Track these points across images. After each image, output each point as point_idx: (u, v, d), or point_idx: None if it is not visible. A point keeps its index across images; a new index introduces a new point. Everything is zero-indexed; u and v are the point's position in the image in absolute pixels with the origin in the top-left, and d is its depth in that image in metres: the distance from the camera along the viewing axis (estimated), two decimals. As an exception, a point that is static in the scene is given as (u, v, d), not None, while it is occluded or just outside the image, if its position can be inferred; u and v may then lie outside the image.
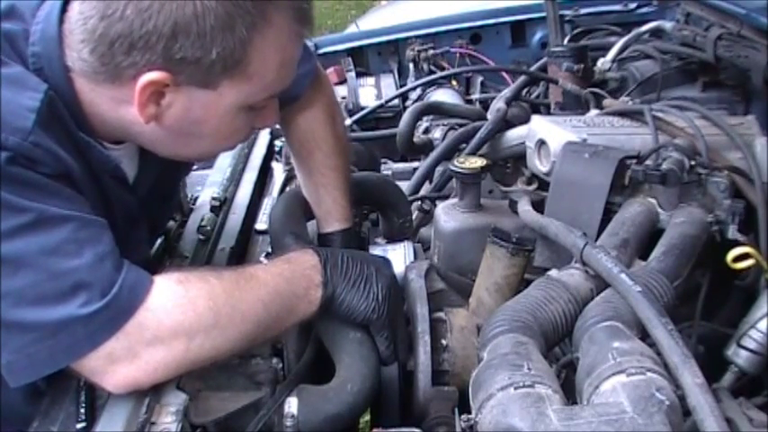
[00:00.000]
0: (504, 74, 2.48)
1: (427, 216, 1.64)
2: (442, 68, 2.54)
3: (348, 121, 2.25)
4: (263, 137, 1.89)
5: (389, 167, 1.99)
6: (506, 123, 1.72)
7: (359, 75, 2.55)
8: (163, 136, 1.04)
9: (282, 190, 1.66)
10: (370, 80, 2.58)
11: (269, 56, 1.00)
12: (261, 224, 1.51)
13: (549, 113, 1.91)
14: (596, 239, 1.17)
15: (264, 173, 1.75)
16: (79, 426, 0.95)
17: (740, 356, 1.11)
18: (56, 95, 0.97)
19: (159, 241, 1.35)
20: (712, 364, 1.08)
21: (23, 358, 0.92)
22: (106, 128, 1.04)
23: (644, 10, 2.57)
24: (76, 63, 0.98)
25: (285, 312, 1.05)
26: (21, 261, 0.91)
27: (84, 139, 1.01)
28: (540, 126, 1.46)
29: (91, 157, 1.03)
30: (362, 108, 2.33)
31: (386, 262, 1.19)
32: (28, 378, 0.94)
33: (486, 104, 2.14)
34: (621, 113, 1.52)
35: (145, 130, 1.02)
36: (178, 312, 0.96)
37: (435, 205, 1.59)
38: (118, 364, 0.94)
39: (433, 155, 1.74)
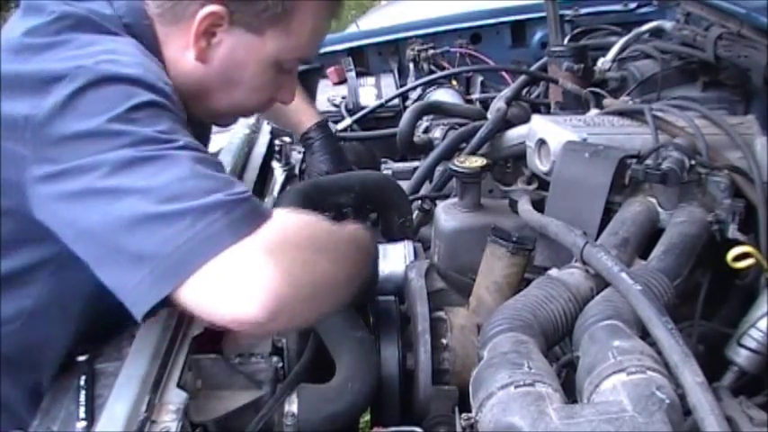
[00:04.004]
0: (504, 74, 2.48)
1: (427, 215, 1.64)
2: (442, 68, 2.54)
3: (348, 121, 2.25)
4: (264, 136, 1.89)
5: (389, 167, 1.99)
6: (506, 123, 1.72)
7: (359, 75, 2.54)
8: (206, 79, 1.12)
9: (282, 189, 1.66)
10: (370, 80, 2.58)
11: (308, 18, 1.12)
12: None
13: (549, 113, 1.91)
14: (596, 239, 1.17)
15: (264, 172, 1.74)
16: (79, 424, 0.95)
17: (740, 355, 1.11)
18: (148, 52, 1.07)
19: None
20: (712, 364, 1.08)
21: (173, 252, 0.86)
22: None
23: (644, 10, 2.57)
24: (150, 7, 1.09)
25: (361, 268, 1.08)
26: (168, 161, 0.91)
27: None
28: (540, 125, 1.46)
29: None
30: (362, 108, 2.32)
31: None
32: (167, 285, 0.86)
33: (486, 104, 2.14)
34: (621, 113, 1.52)
35: (192, 74, 1.11)
36: (302, 225, 0.97)
37: (435, 205, 1.59)
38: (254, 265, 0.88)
39: (434, 154, 1.74)
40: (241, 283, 0.86)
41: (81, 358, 1.07)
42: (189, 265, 0.86)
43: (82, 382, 1.01)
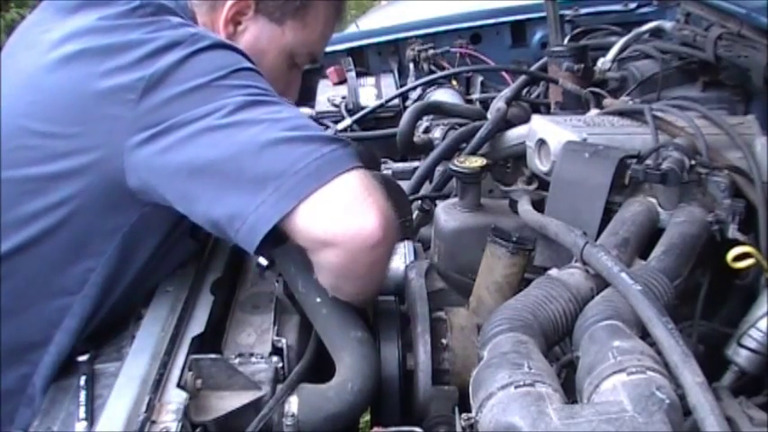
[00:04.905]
0: (504, 74, 2.48)
1: (427, 215, 1.64)
2: (442, 68, 2.54)
3: (348, 121, 2.25)
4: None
5: (389, 167, 1.99)
6: (506, 123, 1.72)
7: (359, 75, 2.55)
8: None
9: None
10: (370, 80, 2.58)
11: (320, 14, 1.27)
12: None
13: (549, 113, 1.91)
14: (596, 239, 1.17)
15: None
16: (79, 425, 0.95)
17: (740, 356, 1.11)
18: None
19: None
20: (712, 364, 1.08)
21: (301, 170, 0.97)
22: None
23: (644, 10, 2.57)
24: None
25: None
26: (282, 105, 1.05)
27: None
28: (540, 125, 1.46)
29: None
30: (362, 108, 2.33)
31: None
32: (291, 201, 0.96)
33: (486, 104, 2.14)
34: (621, 113, 1.52)
35: None
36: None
37: (435, 205, 1.59)
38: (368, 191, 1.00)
39: (434, 154, 1.74)
40: (362, 200, 0.97)
41: (81, 358, 1.08)
42: (315, 182, 0.96)
43: (82, 382, 1.01)
